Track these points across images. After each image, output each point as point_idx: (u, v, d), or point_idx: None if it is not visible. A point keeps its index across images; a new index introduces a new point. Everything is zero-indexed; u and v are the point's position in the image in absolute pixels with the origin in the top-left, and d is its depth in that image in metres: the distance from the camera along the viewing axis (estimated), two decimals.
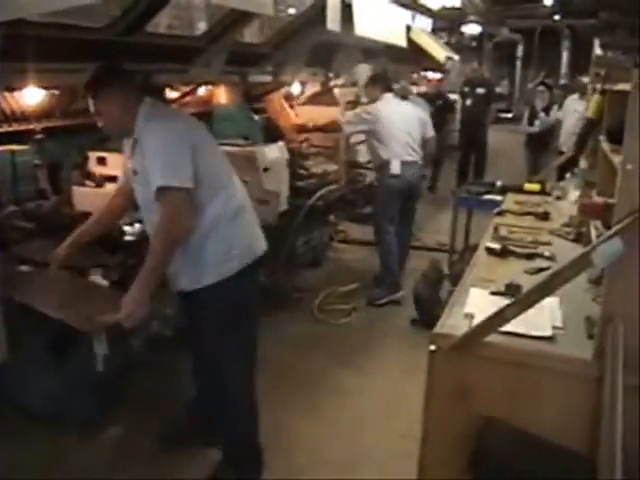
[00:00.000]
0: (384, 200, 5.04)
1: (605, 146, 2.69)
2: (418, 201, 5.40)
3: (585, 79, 7.23)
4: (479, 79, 9.57)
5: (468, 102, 9.31)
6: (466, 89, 9.45)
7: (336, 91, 6.15)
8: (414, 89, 10.08)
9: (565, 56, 18.76)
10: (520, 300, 1.90)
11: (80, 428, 3.15)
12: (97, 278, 3.12)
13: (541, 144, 8.48)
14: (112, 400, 3.34)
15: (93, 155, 3.71)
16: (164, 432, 3.14)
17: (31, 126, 3.76)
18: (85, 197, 3.62)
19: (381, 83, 5.19)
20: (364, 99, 7.22)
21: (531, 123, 8.57)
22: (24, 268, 3.10)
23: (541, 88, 8.87)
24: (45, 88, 3.58)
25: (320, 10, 3.66)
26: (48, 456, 3.01)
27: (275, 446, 3.11)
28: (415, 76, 11.35)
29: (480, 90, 9.19)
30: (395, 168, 4.89)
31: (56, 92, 3.82)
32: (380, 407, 3.56)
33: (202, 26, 6.31)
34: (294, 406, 3.50)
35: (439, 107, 9.50)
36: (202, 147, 2.53)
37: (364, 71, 8.22)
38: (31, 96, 3.60)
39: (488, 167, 9.29)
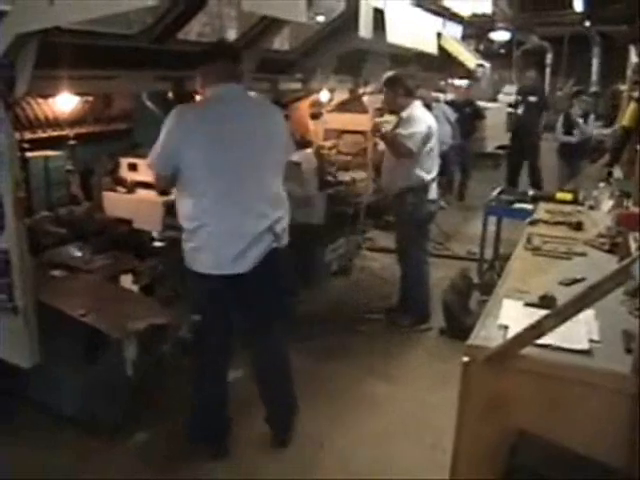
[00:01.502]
0: (420, 225, 4.60)
1: None
2: None
3: (622, 87, 7.12)
4: (531, 87, 9.31)
5: (520, 110, 9.11)
6: (518, 97, 9.28)
7: (365, 98, 6.14)
8: (441, 96, 10.03)
9: (595, 63, 18.53)
10: (557, 312, 1.86)
11: (109, 432, 3.17)
12: (127, 283, 3.15)
13: (578, 154, 8.34)
14: (141, 404, 3.35)
15: (124, 161, 3.75)
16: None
17: (64, 132, 3.81)
18: (116, 203, 3.66)
19: (401, 87, 4.40)
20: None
21: (567, 132, 8.42)
22: (56, 273, 3.13)
23: (584, 97, 8.71)
24: (78, 95, 3.63)
25: (350, 18, 3.67)
26: (76, 459, 3.03)
27: (303, 456, 3.10)
28: (443, 83, 11.31)
29: (532, 98, 8.97)
30: (433, 192, 4.53)
31: (89, 99, 3.87)
32: (409, 417, 3.51)
33: (232, 34, 6.35)
34: (323, 416, 3.47)
35: (468, 114, 9.43)
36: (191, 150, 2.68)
37: None
38: (65, 103, 3.65)
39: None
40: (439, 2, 4.89)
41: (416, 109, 4.41)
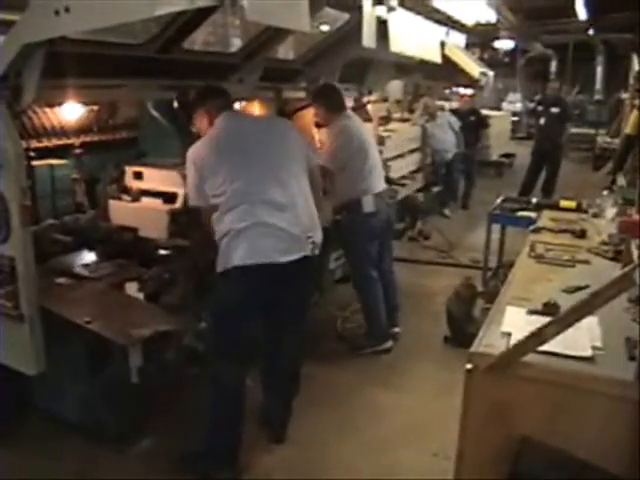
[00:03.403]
0: (363, 242, 4.28)
1: None
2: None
3: (623, 95, 7.16)
4: (554, 98, 9.29)
5: (542, 121, 9.09)
6: (540, 108, 9.25)
7: (369, 107, 6.16)
8: (446, 105, 10.05)
9: (599, 71, 18.54)
10: (560, 319, 1.87)
11: (114, 439, 3.18)
12: (133, 291, 3.16)
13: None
14: (145, 413, 3.36)
15: (130, 169, 3.76)
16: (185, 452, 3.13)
17: (70, 141, 3.84)
18: (121, 211, 3.67)
19: (327, 100, 4.23)
20: (397, 115, 7.23)
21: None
22: (62, 280, 3.15)
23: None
24: (84, 104, 3.66)
25: (354, 27, 3.68)
26: (82, 465, 3.04)
27: (308, 463, 3.10)
28: (447, 92, 11.33)
29: (554, 109, 8.95)
30: (369, 205, 4.16)
31: (95, 108, 3.90)
32: (413, 425, 3.51)
33: (237, 43, 6.39)
34: (327, 423, 3.48)
35: (472, 123, 9.44)
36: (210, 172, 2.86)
37: (397, 87, 8.26)
38: (70, 112, 3.68)
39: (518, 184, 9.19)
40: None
41: (341, 121, 4.16)
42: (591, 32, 16.21)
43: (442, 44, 5.18)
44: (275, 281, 2.83)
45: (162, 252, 3.50)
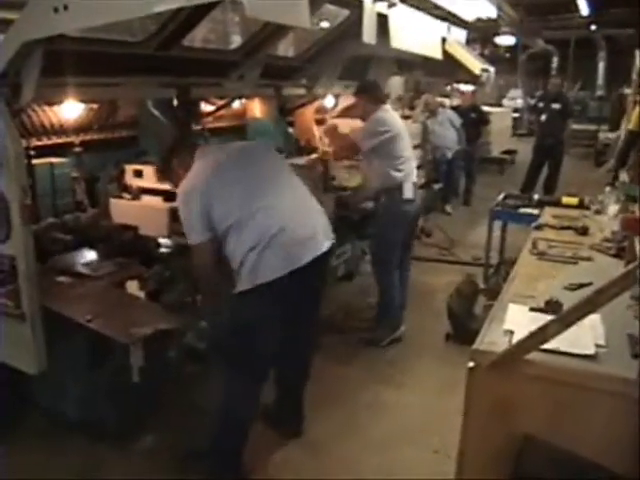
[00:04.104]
0: (397, 226, 4.42)
1: None
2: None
3: (626, 90, 7.14)
4: (555, 94, 9.28)
5: (543, 118, 9.08)
6: (540, 104, 9.25)
7: None
8: (447, 102, 10.03)
9: (601, 67, 18.51)
10: (563, 317, 1.85)
11: (115, 437, 3.18)
12: (133, 289, 3.15)
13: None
14: (146, 411, 3.36)
15: (129, 168, 3.76)
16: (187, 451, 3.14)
17: (70, 139, 3.83)
18: (122, 209, 3.67)
19: (370, 94, 4.44)
20: (397, 112, 7.18)
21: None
22: (62, 279, 3.14)
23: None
24: (84, 102, 3.65)
25: (354, 23, 3.67)
26: (82, 464, 3.04)
27: (311, 461, 3.10)
28: (448, 88, 11.30)
29: (555, 105, 8.94)
30: (409, 192, 4.34)
31: (94, 106, 3.89)
32: (415, 422, 3.50)
33: (237, 40, 6.37)
34: (329, 421, 3.47)
35: (473, 120, 9.42)
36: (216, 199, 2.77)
37: (398, 84, 8.22)
38: (70, 110, 3.67)
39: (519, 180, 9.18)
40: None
41: (381, 112, 4.37)
42: (593, 27, 16.18)
43: (443, 40, 5.16)
44: (299, 284, 2.78)
45: (163, 250, 3.50)
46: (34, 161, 3.51)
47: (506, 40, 15.63)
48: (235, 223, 2.73)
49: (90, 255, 3.47)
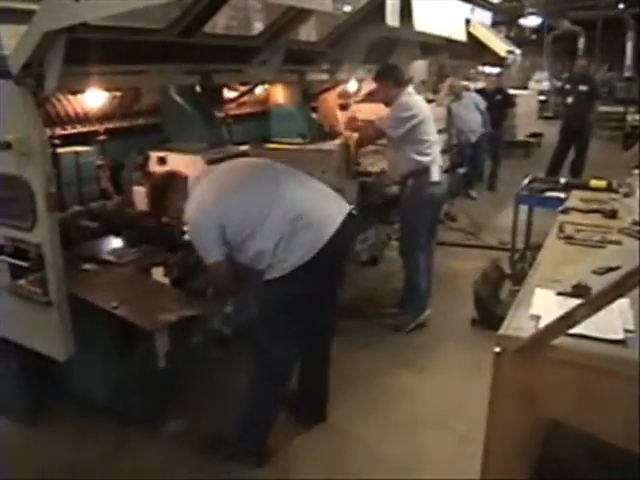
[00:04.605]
0: (424, 209, 4.44)
1: None
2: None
3: None
4: (581, 76, 9.16)
5: (569, 100, 8.98)
6: (567, 86, 9.14)
7: None
8: (471, 85, 9.90)
9: (629, 47, 18.12)
10: (591, 301, 1.82)
11: (142, 421, 3.23)
12: (158, 276, 3.18)
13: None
14: (172, 396, 3.39)
15: (154, 155, 3.77)
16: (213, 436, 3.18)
17: (94, 128, 3.85)
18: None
19: (390, 78, 4.38)
20: (421, 95, 7.11)
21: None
22: (88, 266, 3.18)
23: None
24: (107, 90, 3.66)
25: (377, 6, 3.62)
26: (110, 448, 3.09)
27: (332, 447, 3.11)
28: (473, 71, 11.16)
29: (583, 87, 8.83)
30: (435, 175, 4.36)
31: (118, 94, 3.90)
32: (439, 408, 3.50)
33: (259, 26, 6.34)
34: (352, 406, 3.47)
35: (498, 102, 9.30)
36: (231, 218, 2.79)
37: (421, 67, 8.14)
38: (94, 98, 3.69)
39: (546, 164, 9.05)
40: None
41: (405, 96, 4.33)
42: (621, 6, 15.81)
43: (467, 22, 5.09)
44: (325, 262, 2.81)
45: (187, 237, 3.51)
46: (59, 150, 3.54)
47: (531, 21, 15.40)
48: (251, 232, 2.76)
49: (115, 242, 3.50)
